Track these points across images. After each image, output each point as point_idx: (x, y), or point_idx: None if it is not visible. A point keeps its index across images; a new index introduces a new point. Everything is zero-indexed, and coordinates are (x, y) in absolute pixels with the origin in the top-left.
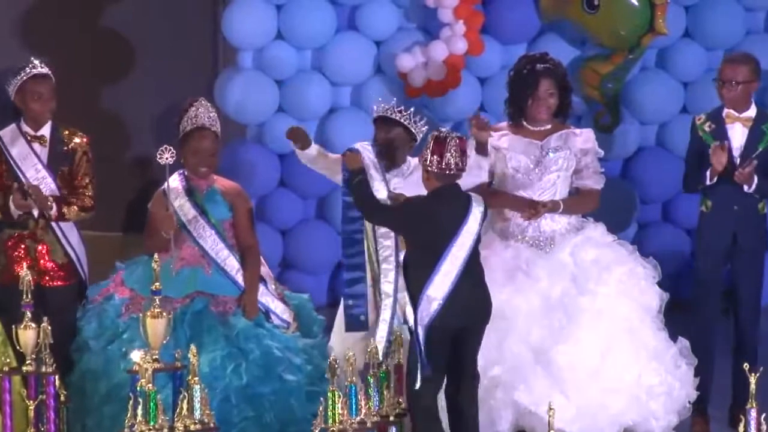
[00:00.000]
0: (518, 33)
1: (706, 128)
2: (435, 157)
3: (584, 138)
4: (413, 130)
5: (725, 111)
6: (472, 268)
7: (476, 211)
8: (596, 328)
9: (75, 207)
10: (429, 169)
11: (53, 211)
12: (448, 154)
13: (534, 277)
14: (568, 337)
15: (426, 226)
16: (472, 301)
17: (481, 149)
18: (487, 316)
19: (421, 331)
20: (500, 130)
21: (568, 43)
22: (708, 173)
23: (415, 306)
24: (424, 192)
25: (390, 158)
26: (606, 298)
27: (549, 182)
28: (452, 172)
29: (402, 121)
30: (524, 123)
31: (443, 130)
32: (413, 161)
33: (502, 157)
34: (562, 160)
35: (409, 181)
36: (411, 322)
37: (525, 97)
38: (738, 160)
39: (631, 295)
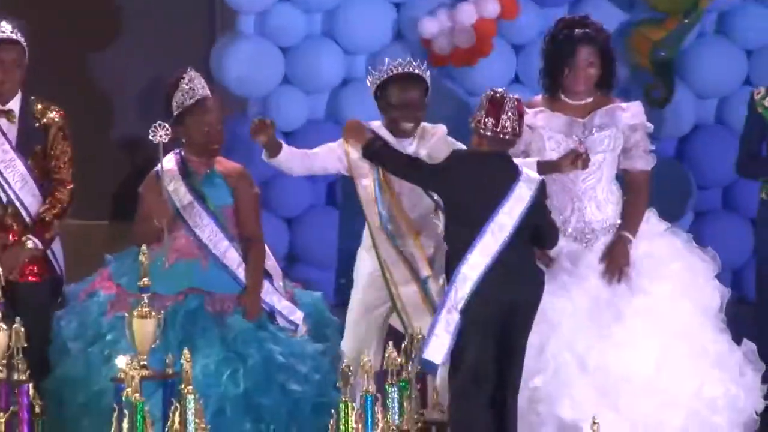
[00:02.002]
0: None
1: (766, 103)
2: (490, 119)
3: (632, 113)
4: (428, 86)
5: None
6: (519, 246)
7: (524, 186)
8: (650, 332)
9: (53, 220)
10: (482, 132)
11: (39, 246)
12: (505, 116)
13: (579, 276)
14: (619, 343)
15: (466, 190)
16: (519, 274)
17: None
18: (539, 296)
19: (453, 319)
20: (535, 106)
21: (615, 6)
22: None
23: (448, 288)
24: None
25: (414, 122)
26: (661, 298)
27: (594, 165)
28: (508, 137)
29: (423, 75)
30: (562, 96)
31: (499, 90)
32: (428, 126)
33: (539, 137)
34: (609, 139)
35: (431, 148)
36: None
37: (561, 67)
38: None
39: (689, 294)
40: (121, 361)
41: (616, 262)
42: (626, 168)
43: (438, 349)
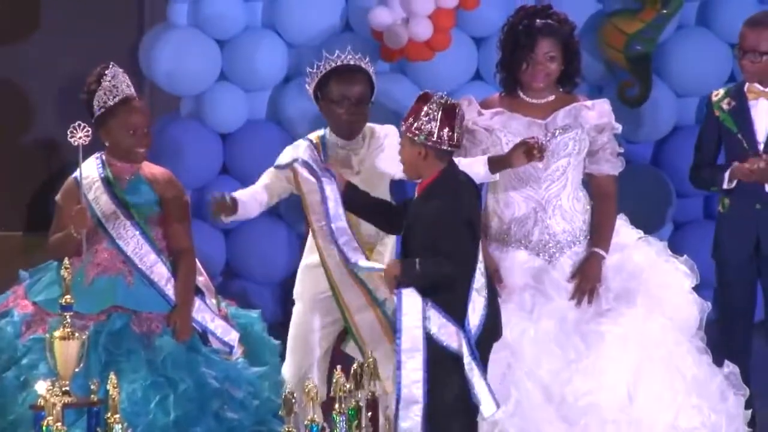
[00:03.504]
0: None
1: (724, 106)
2: (446, 130)
3: (598, 111)
4: (374, 82)
5: (747, 85)
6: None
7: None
8: (622, 357)
9: None
10: (436, 146)
11: None
12: (458, 126)
13: (544, 295)
14: (587, 369)
15: (466, 234)
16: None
17: None
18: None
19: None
20: (492, 106)
21: None
22: (727, 175)
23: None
24: (391, 168)
25: (359, 122)
26: (633, 318)
27: (558, 171)
28: (458, 149)
29: (365, 67)
30: (521, 94)
31: (442, 95)
32: (376, 126)
33: (496, 141)
34: (573, 142)
35: (376, 155)
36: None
37: (519, 60)
38: (762, 146)
39: (663, 311)
40: (41, 387)
41: (587, 281)
42: (592, 172)
43: (488, 402)
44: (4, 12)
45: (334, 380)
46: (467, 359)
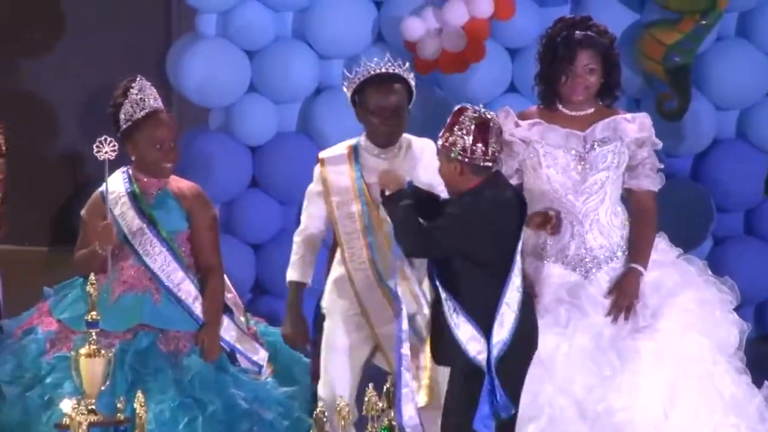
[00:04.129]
0: None
1: None
2: (479, 145)
3: (639, 125)
4: (413, 90)
5: None
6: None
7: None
8: (658, 374)
9: None
10: (470, 161)
11: None
12: (493, 140)
13: (580, 310)
14: (622, 386)
15: (488, 240)
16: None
17: None
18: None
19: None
20: (530, 117)
21: (623, 5)
22: None
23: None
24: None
25: (396, 131)
26: (671, 336)
27: (596, 184)
28: (495, 164)
29: (405, 76)
30: (559, 107)
31: (478, 108)
32: (414, 138)
33: (534, 153)
34: (612, 155)
35: (412, 167)
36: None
37: (558, 73)
38: None
39: (702, 330)
40: (67, 406)
41: (625, 297)
42: (631, 188)
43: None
44: (29, 23)
45: (366, 399)
46: (487, 376)
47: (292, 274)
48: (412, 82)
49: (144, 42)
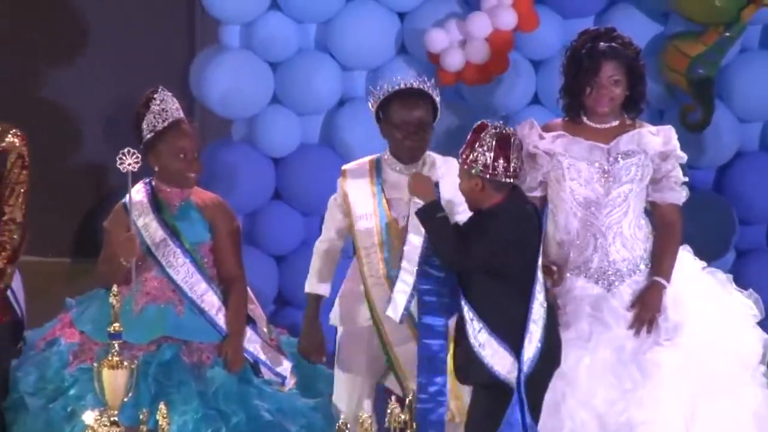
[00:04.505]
0: (582, 3)
1: None
2: (501, 161)
3: (663, 138)
4: (438, 107)
5: None
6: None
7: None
8: (680, 387)
9: (5, 267)
10: (492, 177)
11: None
12: (514, 157)
13: (602, 323)
14: (644, 400)
15: (515, 255)
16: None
17: None
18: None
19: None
20: (554, 130)
21: (647, 17)
22: None
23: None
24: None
25: (419, 147)
26: (692, 349)
27: (620, 197)
28: (516, 179)
29: (429, 92)
30: (584, 119)
31: (498, 124)
32: (438, 156)
33: (557, 165)
34: (636, 167)
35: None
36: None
37: (583, 85)
38: None
39: (724, 343)
40: (89, 417)
41: (647, 310)
42: (655, 201)
43: None
44: (52, 34)
45: (389, 411)
46: (515, 392)
47: (310, 286)
48: (437, 99)
49: (167, 53)
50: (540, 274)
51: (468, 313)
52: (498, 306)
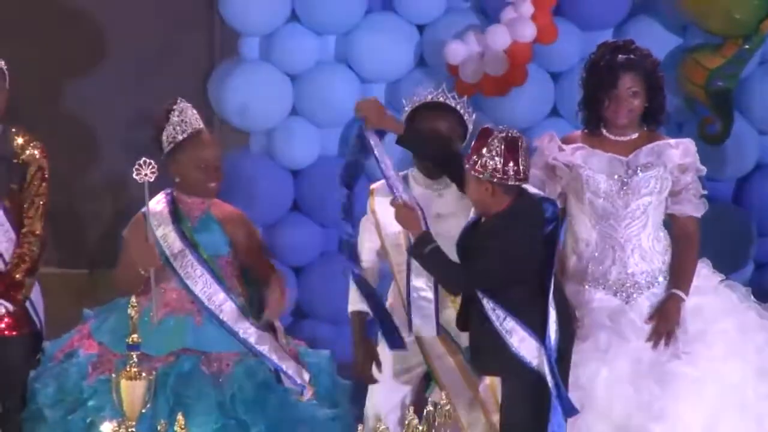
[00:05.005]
0: (601, 15)
1: None
2: (510, 165)
3: (683, 151)
4: (467, 122)
5: None
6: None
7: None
8: (698, 401)
9: (24, 278)
10: (502, 182)
11: (11, 309)
12: (522, 159)
13: (620, 336)
14: (662, 412)
15: (530, 262)
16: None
17: None
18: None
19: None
20: (573, 142)
21: (665, 29)
22: None
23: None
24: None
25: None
26: (710, 362)
27: (639, 209)
28: (526, 181)
29: (456, 107)
30: (603, 131)
31: (503, 128)
32: None
33: (576, 177)
34: (655, 180)
35: (455, 195)
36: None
37: (601, 97)
38: None
39: (743, 357)
40: (107, 428)
41: (666, 322)
42: (674, 213)
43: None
44: (70, 45)
45: (407, 422)
46: (549, 377)
47: (352, 305)
48: (465, 116)
49: (187, 65)
50: (556, 261)
51: (488, 303)
52: (516, 294)
